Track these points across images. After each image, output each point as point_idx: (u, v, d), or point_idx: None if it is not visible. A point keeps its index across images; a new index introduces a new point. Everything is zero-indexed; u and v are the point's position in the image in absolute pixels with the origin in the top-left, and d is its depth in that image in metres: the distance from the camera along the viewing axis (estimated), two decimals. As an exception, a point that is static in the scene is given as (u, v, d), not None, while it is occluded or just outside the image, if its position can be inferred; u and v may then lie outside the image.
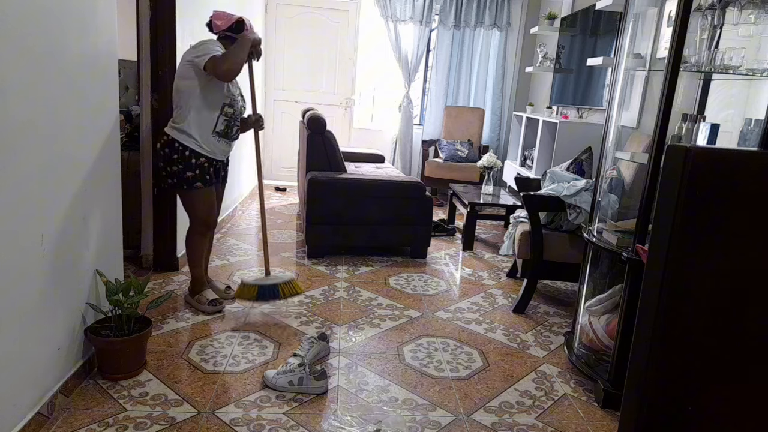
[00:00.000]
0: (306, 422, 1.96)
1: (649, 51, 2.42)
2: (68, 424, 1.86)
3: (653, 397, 1.42)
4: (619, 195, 2.50)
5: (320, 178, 3.77)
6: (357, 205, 3.78)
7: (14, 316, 1.66)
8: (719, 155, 1.33)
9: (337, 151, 4.05)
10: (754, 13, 2.11)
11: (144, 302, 2.27)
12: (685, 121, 2.20)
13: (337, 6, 6.09)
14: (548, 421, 2.09)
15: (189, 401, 2.04)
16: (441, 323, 2.90)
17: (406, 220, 3.85)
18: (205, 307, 2.79)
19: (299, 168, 5.06)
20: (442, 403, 2.15)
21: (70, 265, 1.99)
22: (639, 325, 1.44)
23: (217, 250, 3.81)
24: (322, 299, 3.10)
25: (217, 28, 2.65)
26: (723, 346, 1.37)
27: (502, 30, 6.30)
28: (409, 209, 3.84)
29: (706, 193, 1.29)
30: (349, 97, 6.31)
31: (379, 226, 3.86)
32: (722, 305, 1.35)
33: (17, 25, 1.59)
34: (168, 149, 2.57)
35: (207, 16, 2.73)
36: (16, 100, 1.62)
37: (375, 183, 3.86)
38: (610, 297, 2.38)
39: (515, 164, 5.72)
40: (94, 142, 2.14)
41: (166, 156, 2.58)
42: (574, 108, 5.07)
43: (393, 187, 3.88)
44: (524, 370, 2.47)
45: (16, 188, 1.63)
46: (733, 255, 1.32)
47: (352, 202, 3.77)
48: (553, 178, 3.13)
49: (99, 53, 2.14)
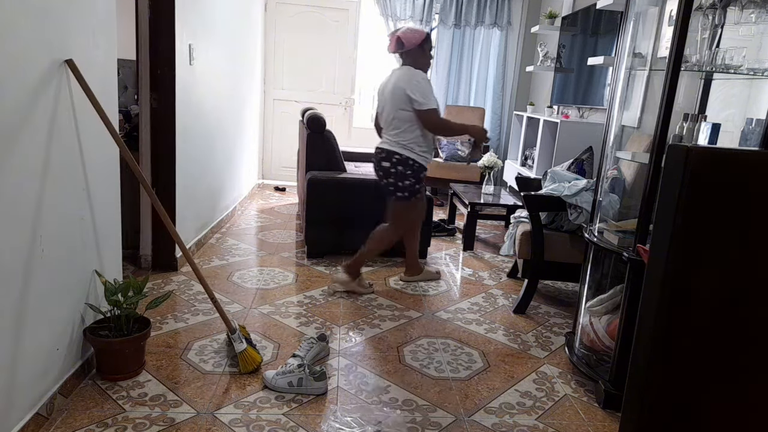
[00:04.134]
0: (306, 423, 1.96)
1: (650, 50, 2.41)
2: (67, 424, 1.85)
3: (654, 397, 1.41)
4: (620, 195, 2.49)
5: (320, 177, 3.76)
6: (356, 204, 3.77)
7: (13, 317, 1.65)
8: (720, 155, 1.33)
9: (337, 151, 4.04)
10: (755, 13, 2.10)
11: (143, 303, 2.26)
12: (686, 121, 2.19)
13: (337, 5, 6.08)
14: (549, 422, 2.08)
15: (188, 402, 2.03)
16: (441, 324, 2.89)
17: None
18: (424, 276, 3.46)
19: (299, 168, 5.05)
20: (443, 404, 2.14)
21: (68, 265, 1.99)
22: (640, 325, 1.43)
23: (216, 251, 3.80)
24: (321, 300, 3.09)
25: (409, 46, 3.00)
26: (724, 346, 1.36)
27: (502, 29, 6.29)
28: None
29: (708, 193, 1.28)
30: (349, 97, 6.31)
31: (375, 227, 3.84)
32: (724, 305, 1.34)
33: (15, 24, 1.59)
34: (401, 166, 3.03)
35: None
36: (14, 100, 1.61)
37: (375, 183, 3.84)
38: (611, 297, 2.37)
39: (516, 164, 5.71)
40: (93, 142, 2.13)
41: (399, 173, 3.03)
42: (575, 107, 5.06)
43: None
44: (525, 370, 2.46)
45: (15, 188, 1.62)
46: (735, 255, 1.31)
47: (351, 201, 3.76)
48: (553, 177, 3.12)
49: (98, 52, 2.13)
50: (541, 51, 5.69)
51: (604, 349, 2.32)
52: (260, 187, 6.28)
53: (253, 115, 5.66)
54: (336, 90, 6.28)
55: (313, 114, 4.02)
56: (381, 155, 3.09)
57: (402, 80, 2.99)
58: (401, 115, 3.00)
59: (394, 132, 3.04)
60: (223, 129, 4.34)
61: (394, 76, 3.06)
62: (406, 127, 3.01)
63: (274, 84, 6.25)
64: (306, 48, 6.17)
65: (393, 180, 3.06)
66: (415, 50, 3.02)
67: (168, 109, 3.17)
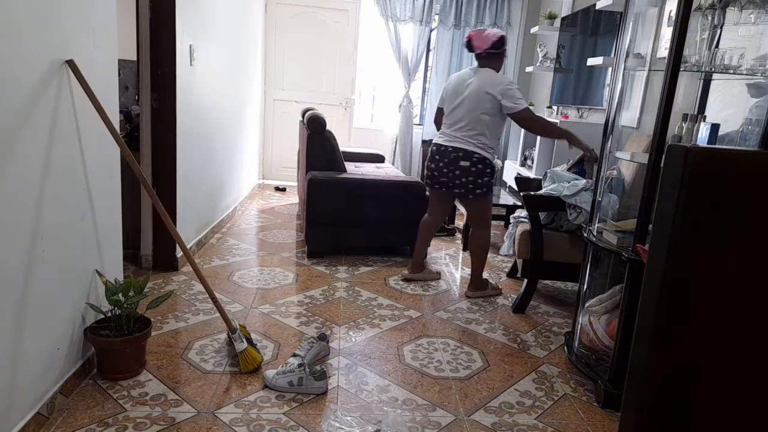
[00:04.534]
0: (306, 422, 1.96)
1: (649, 51, 2.41)
2: (68, 424, 1.86)
3: (653, 397, 1.41)
4: (619, 195, 2.50)
5: (320, 177, 3.76)
6: (356, 204, 3.77)
7: (13, 316, 1.66)
8: (720, 155, 1.33)
9: (337, 151, 4.04)
10: (754, 13, 2.10)
11: (144, 302, 2.27)
12: (685, 121, 2.19)
13: (337, 6, 6.09)
14: (548, 422, 2.09)
15: (189, 401, 2.04)
16: (441, 323, 2.90)
17: (406, 220, 3.84)
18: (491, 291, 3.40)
19: (299, 168, 5.06)
20: (442, 404, 2.15)
21: (69, 265, 1.99)
22: (639, 325, 1.43)
23: (217, 251, 3.81)
24: (322, 299, 3.10)
25: (479, 49, 3.11)
26: (724, 346, 1.37)
27: (502, 29, 6.29)
28: (409, 209, 3.83)
29: (707, 193, 1.28)
30: (349, 97, 6.31)
31: (379, 226, 3.86)
32: (723, 305, 1.34)
33: (16, 24, 1.59)
34: (481, 165, 3.14)
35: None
36: (14, 100, 1.62)
37: (375, 183, 3.86)
38: (610, 297, 2.38)
39: (515, 164, 5.71)
40: (93, 142, 2.13)
41: (479, 171, 3.14)
42: (574, 108, 5.06)
43: (393, 186, 3.88)
44: (524, 370, 2.47)
45: (15, 188, 1.62)
46: (734, 255, 1.32)
47: (351, 201, 3.77)
48: (553, 178, 3.13)
49: (98, 53, 2.14)
50: (540, 51, 5.69)
51: (604, 349, 2.32)
52: (260, 187, 6.28)
53: (253, 115, 5.66)
54: (336, 90, 6.28)
55: (313, 114, 4.02)
56: (458, 154, 3.13)
57: (487, 84, 3.06)
58: (483, 119, 3.09)
59: (471, 133, 3.12)
60: (223, 129, 4.35)
61: (477, 78, 3.11)
62: (485, 129, 3.11)
63: (275, 84, 6.25)
64: (306, 48, 6.17)
65: (473, 178, 3.14)
66: (500, 53, 3.16)
67: (169, 110, 3.17)
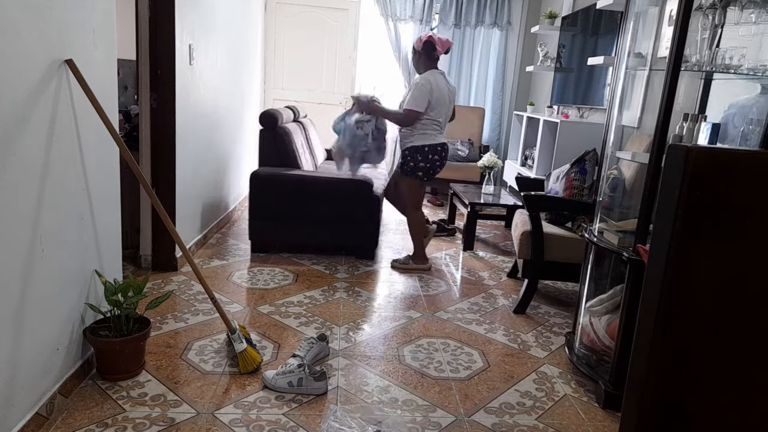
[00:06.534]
0: (305, 423, 1.96)
1: (650, 50, 2.41)
2: (67, 424, 1.85)
3: (654, 397, 1.41)
4: (620, 195, 2.49)
5: (261, 173, 3.70)
6: (300, 202, 3.68)
7: (13, 316, 1.65)
8: (721, 155, 1.33)
9: (289, 147, 3.94)
10: (755, 13, 2.10)
11: (143, 302, 2.26)
12: (686, 121, 2.19)
13: (337, 5, 6.08)
14: (549, 422, 2.08)
15: (188, 402, 2.03)
16: (441, 324, 2.89)
17: (352, 220, 3.71)
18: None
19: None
20: (443, 404, 2.14)
21: (68, 265, 1.99)
22: (640, 325, 1.43)
23: (216, 251, 3.80)
24: (321, 299, 3.09)
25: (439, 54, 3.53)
26: (725, 346, 1.36)
27: (502, 29, 6.29)
28: (356, 208, 3.69)
29: (708, 193, 1.28)
30: (349, 97, 6.30)
31: (322, 225, 3.73)
32: (724, 306, 1.34)
33: (15, 24, 1.59)
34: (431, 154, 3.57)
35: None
36: (14, 100, 1.61)
37: (317, 180, 3.74)
38: (611, 297, 2.37)
39: (516, 164, 5.71)
40: (93, 142, 2.13)
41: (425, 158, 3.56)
42: (575, 107, 5.06)
43: (336, 184, 3.72)
44: (525, 370, 2.46)
45: (14, 188, 1.62)
46: (735, 255, 1.31)
47: (294, 199, 3.68)
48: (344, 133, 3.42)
49: (98, 52, 2.13)
50: (541, 51, 5.69)
51: (604, 349, 2.32)
52: (260, 187, 6.27)
53: (253, 114, 5.66)
54: (336, 90, 6.28)
55: (266, 110, 3.98)
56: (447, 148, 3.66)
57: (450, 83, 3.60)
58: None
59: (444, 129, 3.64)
60: (223, 129, 4.34)
61: (446, 80, 3.55)
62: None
63: (274, 84, 6.25)
64: (306, 48, 6.17)
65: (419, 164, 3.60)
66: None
67: (168, 109, 3.17)
